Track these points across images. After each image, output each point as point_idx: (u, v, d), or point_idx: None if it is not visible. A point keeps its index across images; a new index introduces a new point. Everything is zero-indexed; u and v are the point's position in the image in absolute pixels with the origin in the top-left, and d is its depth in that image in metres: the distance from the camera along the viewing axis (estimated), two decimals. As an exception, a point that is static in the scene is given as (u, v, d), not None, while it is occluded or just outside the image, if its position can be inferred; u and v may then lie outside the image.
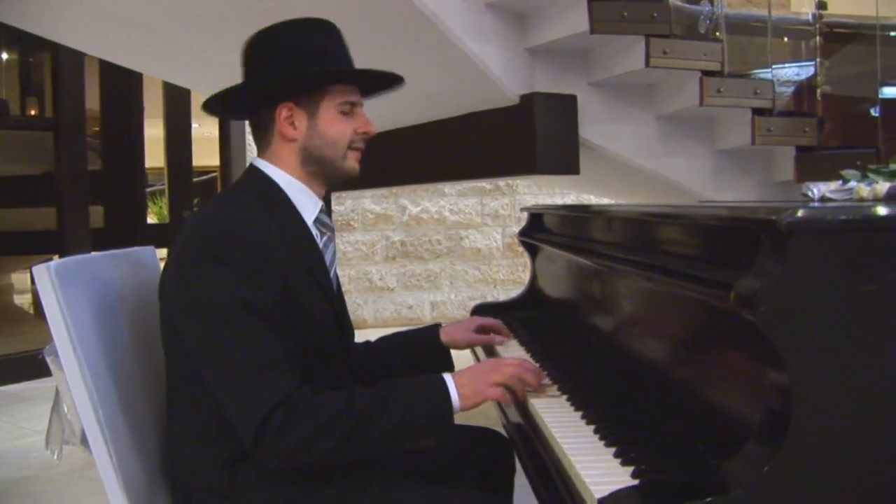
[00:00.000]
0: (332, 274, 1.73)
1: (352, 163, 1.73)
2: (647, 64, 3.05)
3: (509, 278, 7.67)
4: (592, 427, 1.37)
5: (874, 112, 4.14)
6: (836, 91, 3.52)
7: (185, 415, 1.60)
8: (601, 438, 1.31)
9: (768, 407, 1.03)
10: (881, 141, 3.50)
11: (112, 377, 1.61)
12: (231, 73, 1.77)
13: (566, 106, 3.32)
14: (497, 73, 3.21)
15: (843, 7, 4.09)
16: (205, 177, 11.22)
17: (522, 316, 2.29)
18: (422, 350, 2.01)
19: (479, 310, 2.62)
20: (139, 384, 1.71)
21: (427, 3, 2.87)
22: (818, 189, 1.95)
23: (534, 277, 2.70)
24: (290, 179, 1.69)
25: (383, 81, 1.79)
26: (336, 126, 1.69)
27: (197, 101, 6.92)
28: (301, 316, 1.57)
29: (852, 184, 1.91)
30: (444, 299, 7.51)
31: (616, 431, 1.32)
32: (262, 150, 1.72)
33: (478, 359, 2.26)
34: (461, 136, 3.57)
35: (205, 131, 10.51)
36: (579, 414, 1.45)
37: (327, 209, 1.75)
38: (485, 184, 7.45)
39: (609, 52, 3.23)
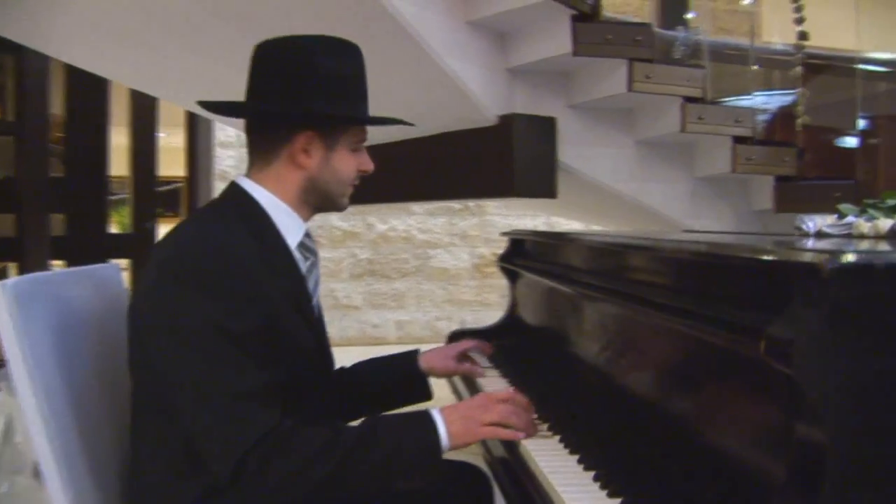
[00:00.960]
0: (315, 301, 1.64)
1: (346, 200, 1.68)
2: (630, 88, 3.01)
3: (476, 299, 7.59)
4: (592, 474, 1.28)
5: (845, 143, 4.15)
6: (812, 121, 3.51)
7: (153, 447, 1.49)
8: (602, 488, 1.23)
9: (796, 462, 0.95)
10: (859, 172, 3.49)
11: (71, 405, 1.49)
12: (222, 88, 1.68)
13: (545, 128, 3.27)
14: (476, 92, 3.14)
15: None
16: (168, 187, 11.06)
17: (501, 344, 2.21)
18: (399, 377, 1.93)
19: (457, 337, 2.54)
20: (101, 413, 1.59)
21: (409, 19, 2.80)
22: (813, 223, 1.90)
23: (513, 304, 2.62)
24: (277, 202, 1.59)
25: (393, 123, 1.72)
26: (347, 164, 1.63)
27: (164, 109, 6.80)
28: (283, 346, 1.47)
29: (850, 219, 1.86)
30: (410, 319, 7.41)
31: (618, 479, 1.23)
32: (258, 168, 1.61)
33: (455, 387, 2.18)
34: (438, 155, 3.50)
35: (170, 141, 10.35)
36: (575, 458, 1.36)
37: None
38: (454, 203, 7.38)
39: (590, 74, 3.18)
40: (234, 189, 1.60)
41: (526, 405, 1.55)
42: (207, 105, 1.67)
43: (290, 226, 1.60)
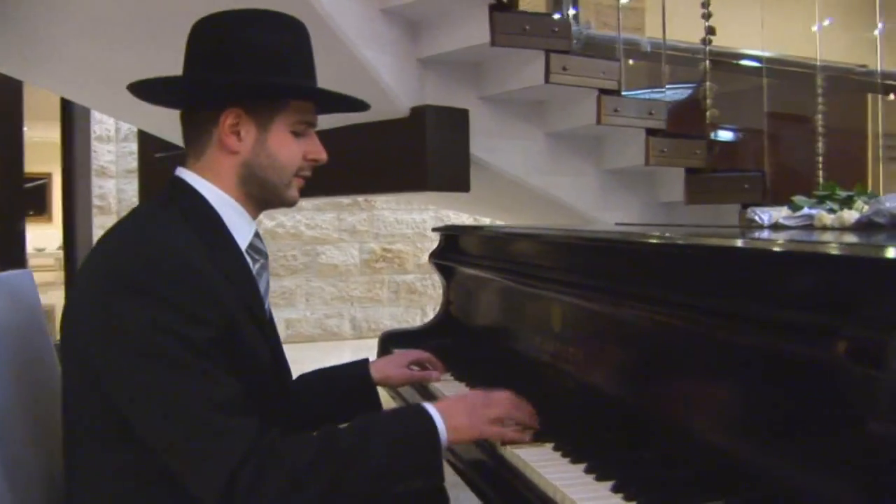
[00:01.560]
0: (266, 306, 1.50)
1: (294, 192, 1.52)
2: (547, 80, 2.97)
3: (367, 295, 7.46)
4: (609, 484, 1.18)
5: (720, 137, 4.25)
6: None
7: (101, 475, 1.31)
8: (627, 500, 1.13)
9: (882, 471, 0.89)
10: (767, 165, 3.56)
11: None
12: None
13: (458, 120, 3.19)
14: (389, 82, 3.04)
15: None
16: (31, 184, 10.55)
17: (438, 344, 2.10)
18: (349, 388, 1.79)
19: (389, 337, 2.42)
20: (26, 442, 1.39)
21: (324, 4, 2.67)
22: (768, 215, 1.88)
23: (448, 303, 2.51)
24: (224, 197, 1.44)
25: (344, 103, 1.58)
26: (287, 148, 1.46)
27: (31, 100, 6.40)
28: (240, 356, 1.33)
29: (806, 210, 1.85)
30: (300, 317, 7.22)
31: (640, 490, 1.14)
32: (192, 158, 1.46)
33: (403, 398, 2.06)
34: (347, 148, 3.36)
35: (33, 135, 9.81)
36: (581, 467, 1.26)
37: None
38: (342, 198, 7.22)
39: (505, 65, 3.12)
40: (176, 183, 1.45)
41: (527, 405, 1.46)
42: (134, 90, 1.50)
43: (239, 225, 1.45)
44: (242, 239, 1.45)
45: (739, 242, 1.32)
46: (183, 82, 1.46)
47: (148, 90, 1.49)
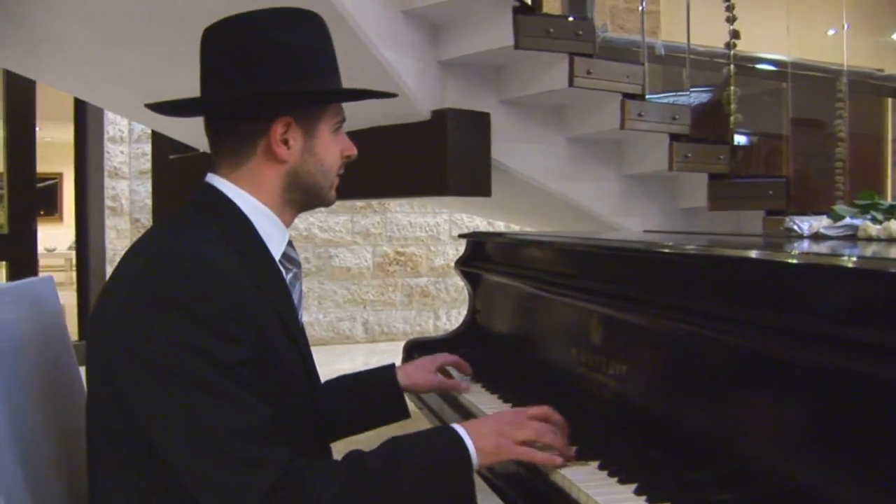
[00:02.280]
0: (299, 316, 1.46)
1: (334, 192, 1.49)
2: (571, 83, 2.92)
3: (379, 299, 7.42)
4: None
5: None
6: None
7: (121, 501, 1.26)
8: None
9: None
10: (790, 171, 3.52)
11: (17, 453, 1.25)
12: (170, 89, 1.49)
13: (479, 124, 3.15)
14: (410, 85, 3.00)
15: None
16: (42, 184, 10.57)
17: (465, 353, 2.04)
18: (377, 395, 1.75)
19: (414, 346, 2.38)
20: (54, 462, 1.35)
21: (346, 4, 2.63)
22: (807, 225, 1.83)
23: (474, 311, 2.46)
24: (258, 205, 1.40)
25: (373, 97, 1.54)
26: (331, 149, 1.44)
27: (43, 100, 6.38)
28: (274, 372, 1.28)
29: (848, 220, 1.79)
30: (312, 320, 7.18)
31: None
32: (227, 168, 1.41)
33: (429, 408, 2.01)
34: (366, 151, 3.32)
35: (44, 135, 9.81)
36: (631, 488, 1.22)
37: None
38: (356, 200, 7.19)
39: (527, 69, 3.08)
40: (208, 191, 1.40)
41: (562, 423, 1.41)
42: (157, 107, 1.45)
43: (273, 234, 1.42)
44: (276, 249, 1.42)
45: (815, 257, 1.27)
46: (238, 96, 1.38)
47: (188, 108, 1.45)
